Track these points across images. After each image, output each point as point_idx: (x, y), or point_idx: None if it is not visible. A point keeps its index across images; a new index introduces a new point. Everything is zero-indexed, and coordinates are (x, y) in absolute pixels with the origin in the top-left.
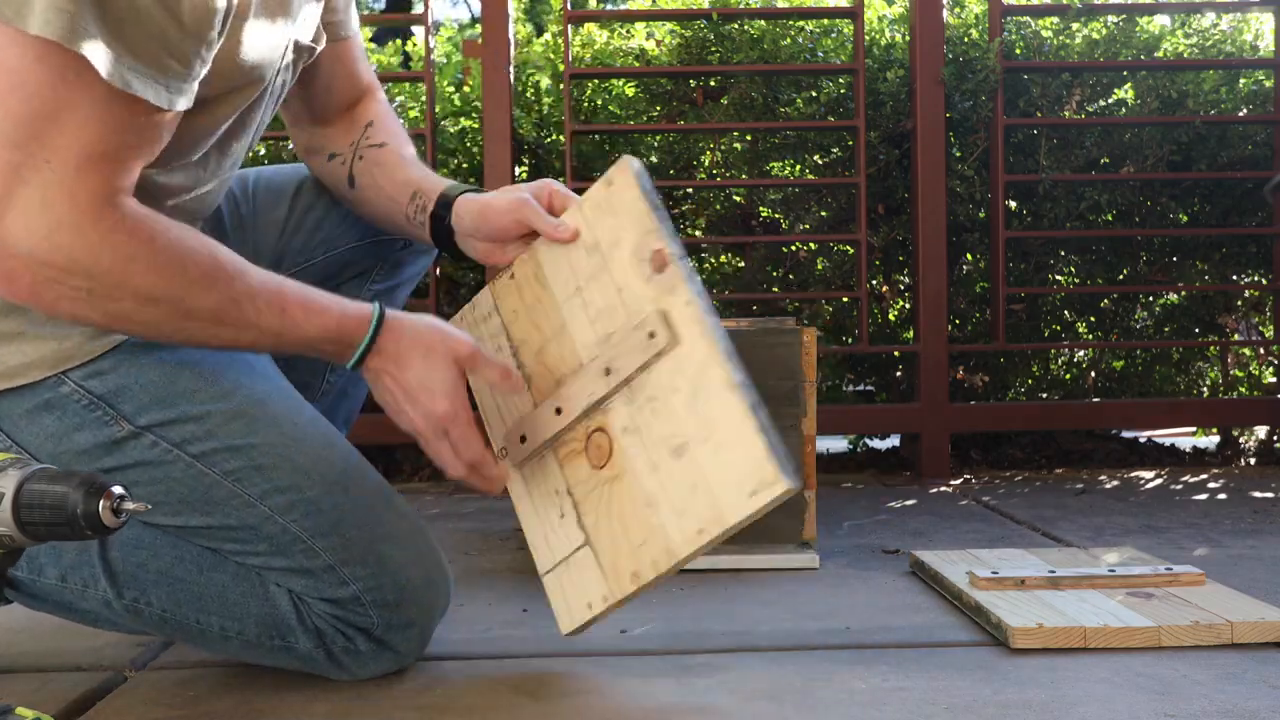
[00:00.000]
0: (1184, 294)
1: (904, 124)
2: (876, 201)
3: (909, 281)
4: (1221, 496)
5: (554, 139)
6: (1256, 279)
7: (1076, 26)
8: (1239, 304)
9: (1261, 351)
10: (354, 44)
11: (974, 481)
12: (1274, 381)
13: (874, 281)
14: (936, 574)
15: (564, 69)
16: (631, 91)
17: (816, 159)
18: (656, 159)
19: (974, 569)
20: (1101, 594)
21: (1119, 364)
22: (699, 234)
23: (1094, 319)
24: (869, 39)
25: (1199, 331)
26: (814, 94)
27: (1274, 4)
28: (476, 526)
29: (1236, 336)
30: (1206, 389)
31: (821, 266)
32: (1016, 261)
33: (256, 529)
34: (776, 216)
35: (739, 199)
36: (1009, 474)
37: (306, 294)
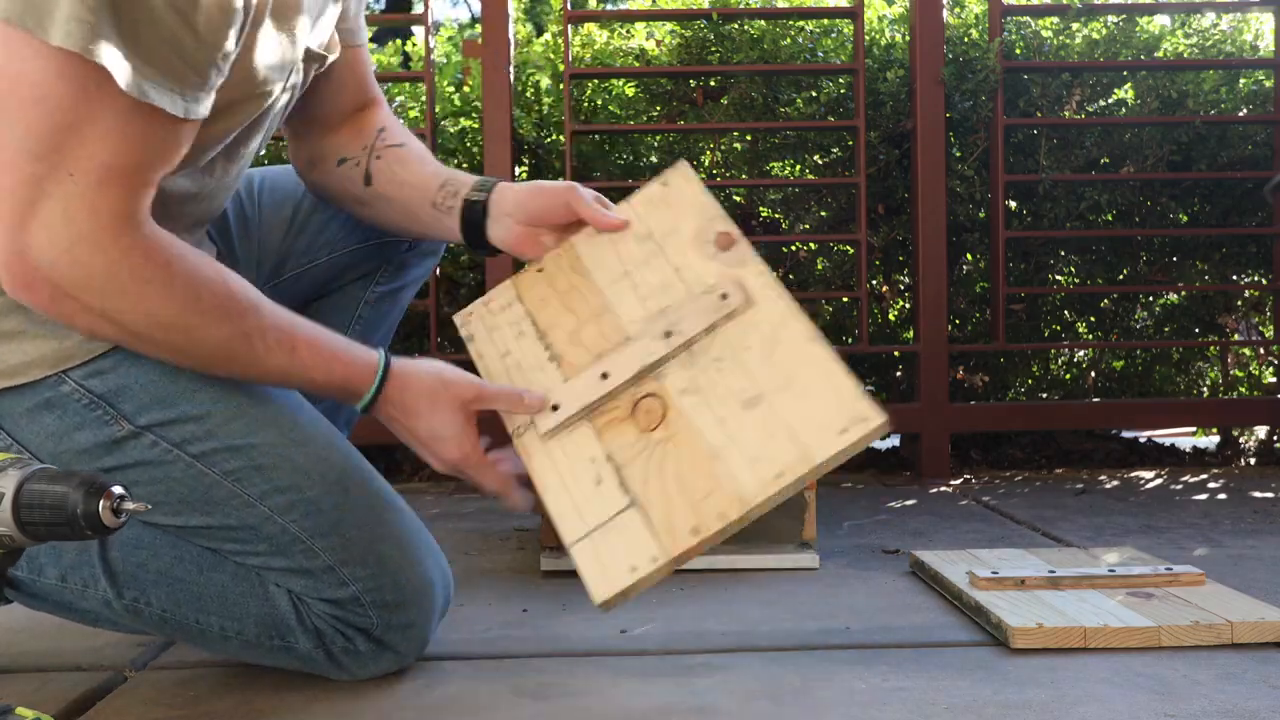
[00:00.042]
0: (1184, 294)
1: (904, 124)
2: (876, 201)
3: (909, 281)
4: (1221, 496)
5: (554, 139)
6: (1256, 279)
7: (1076, 26)
8: (1239, 304)
9: (1261, 351)
10: (364, 52)
11: (974, 481)
12: (1274, 381)
13: (874, 281)
14: (936, 574)
15: (564, 69)
16: (631, 91)
17: (816, 159)
18: (656, 159)
19: (974, 569)
20: (1101, 594)
21: (1119, 364)
22: None
23: (1094, 319)
24: (869, 39)
25: (1199, 331)
26: (814, 94)
27: (1274, 4)
28: (476, 526)
29: (1236, 336)
30: (1206, 389)
31: (821, 266)
32: (1016, 261)
33: (256, 529)
34: (776, 216)
35: (739, 199)
36: (1009, 474)
37: (318, 336)
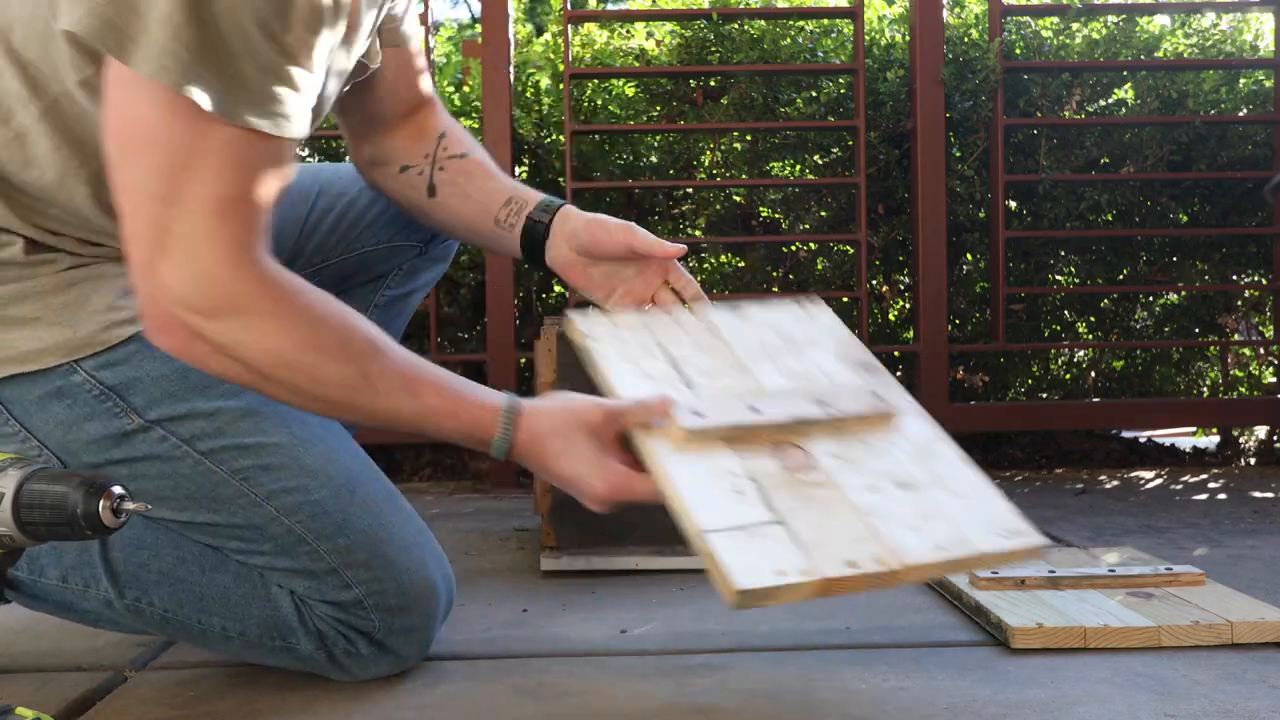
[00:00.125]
0: (1184, 294)
1: (904, 124)
2: (876, 201)
3: (909, 281)
4: (1221, 496)
5: (554, 139)
6: (1256, 279)
7: (1076, 26)
8: (1239, 304)
9: (1261, 351)
10: (416, 52)
11: None
12: (1274, 381)
13: (874, 281)
14: None
15: (564, 69)
16: (631, 91)
17: (816, 159)
18: (656, 159)
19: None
20: (1101, 594)
21: (1119, 364)
22: (699, 234)
23: (1094, 319)
24: (869, 39)
25: (1199, 331)
26: (814, 94)
27: (1274, 4)
28: (476, 526)
29: (1236, 336)
30: (1206, 389)
31: (821, 266)
32: (1016, 261)
33: (262, 529)
34: (776, 216)
35: (739, 199)
36: (1009, 474)
37: (443, 379)
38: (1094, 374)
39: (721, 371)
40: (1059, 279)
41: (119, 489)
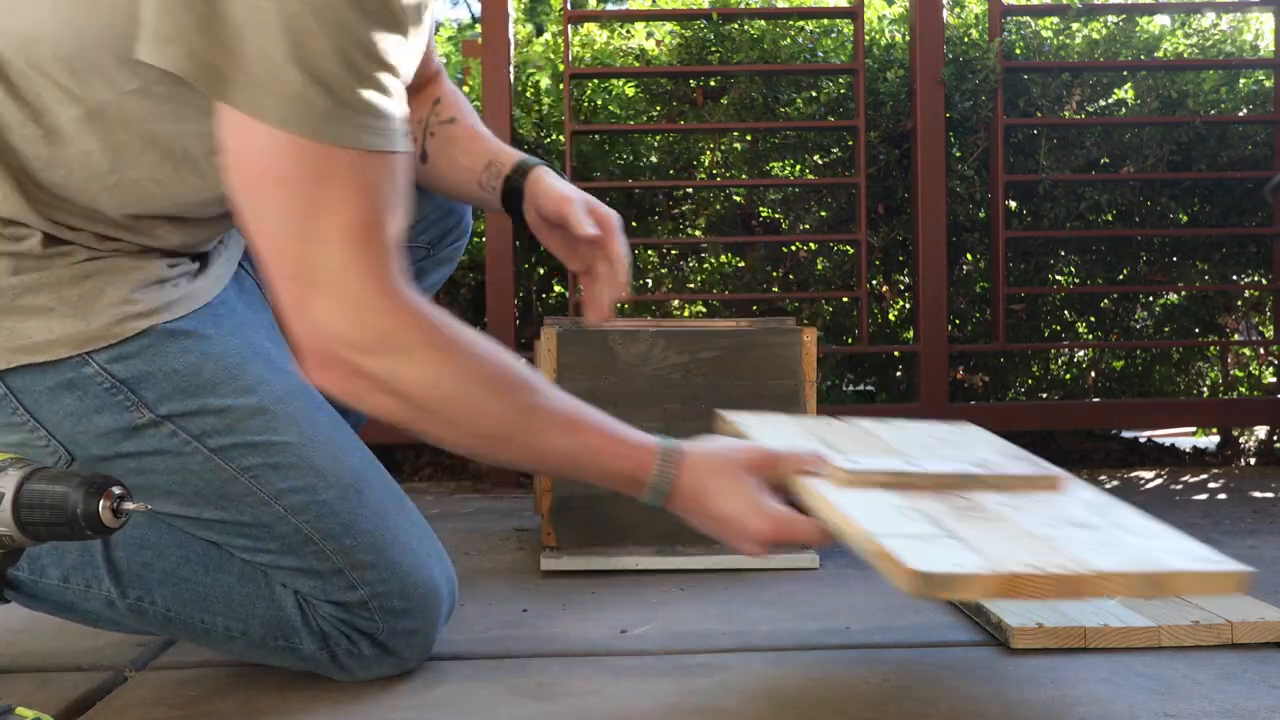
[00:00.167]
0: (1184, 294)
1: (904, 124)
2: (876, 201)
3: (909, 281)
4: (1221, 496)
5: (554, 139)
6: (1256, 279)
7: (1076, 26)
8: (1239, 304)
9: (1261, 351)
10: (430, 28)
11: None
12: (1274, 381)
13: (874, 281)
14: None
15: (564, 69)
16: (631, 91)
17: (816, 159)
18: (656, 159)
19: None
20: None
21: (1119, 364)
22: (699, 234)
23: (1094, 319)
24: (869, 39)
25: (1199, 331)
26: (814, 94)
27: (1274, 4)
28: (476, 526)
29: (1236, 336)
30: (1206, 389)
31: (821, 266)
32: (1016, 261)
33: (269, 527)
34: (776, 216)
35: (739, 199)
36: None
37: (601, 419)
38: (1094, 374)
39: (876, 451)
40: (1059, 279)
41: (119, 489)
